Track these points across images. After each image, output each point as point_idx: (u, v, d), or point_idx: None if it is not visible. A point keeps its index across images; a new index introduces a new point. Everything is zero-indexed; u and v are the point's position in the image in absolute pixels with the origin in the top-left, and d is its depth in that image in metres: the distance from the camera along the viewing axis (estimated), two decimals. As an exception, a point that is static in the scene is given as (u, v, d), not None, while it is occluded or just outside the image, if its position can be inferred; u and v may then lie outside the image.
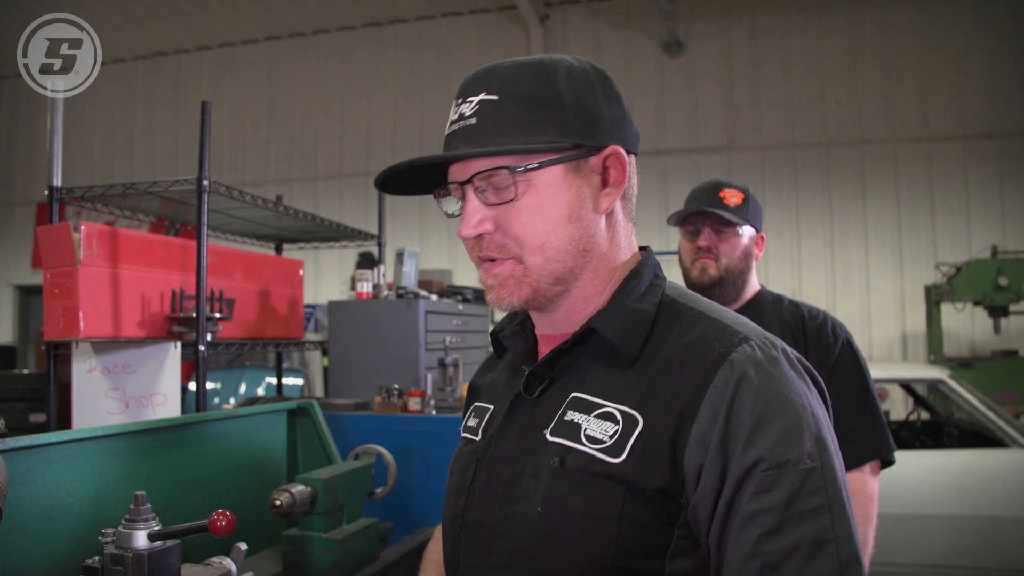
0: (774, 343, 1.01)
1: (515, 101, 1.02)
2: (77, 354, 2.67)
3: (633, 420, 0.99)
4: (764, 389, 0.94)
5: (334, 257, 9.60)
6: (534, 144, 1.01)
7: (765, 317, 2.22)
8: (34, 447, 1.73)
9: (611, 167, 1.07)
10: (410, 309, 3.59)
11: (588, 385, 1.06)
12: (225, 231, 3.90)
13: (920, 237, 8.87)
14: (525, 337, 1.20)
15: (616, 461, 0.97)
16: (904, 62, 8.98)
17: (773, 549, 0.88)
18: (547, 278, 1.06)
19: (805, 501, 0.89)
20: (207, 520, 1.33)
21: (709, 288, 2.25)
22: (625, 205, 1.13)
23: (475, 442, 1.19)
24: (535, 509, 1.02)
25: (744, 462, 0.91)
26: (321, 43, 10.93)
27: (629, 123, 1.10)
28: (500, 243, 1.06)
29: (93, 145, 11.80)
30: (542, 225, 1.04)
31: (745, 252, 2.28)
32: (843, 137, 9.08)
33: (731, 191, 2.27)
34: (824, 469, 0.92)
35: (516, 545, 1.03)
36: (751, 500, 0.90)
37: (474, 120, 1.03)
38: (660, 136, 9.61)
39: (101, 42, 4.74)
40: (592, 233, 1.07)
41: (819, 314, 2.23)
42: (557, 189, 1.04)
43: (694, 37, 9.59)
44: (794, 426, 0.92)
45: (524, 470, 1.07)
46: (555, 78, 1.03)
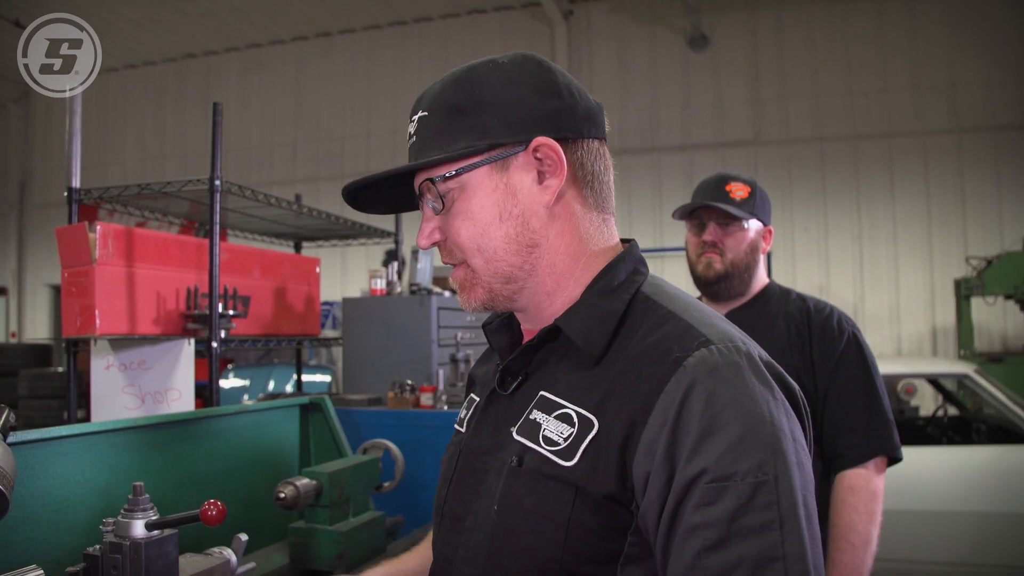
0: (738, 348, 0.95)
1: (438, 114, 1.05)
2: (95, 351, 2.74)
3: (589, 423, 0.97)
4: (716, 397, 0.90)
5: (361, 255, 9.69)
6: (451, 152, 1.03)
7: (771, 311, 2.21)
8: (45, 440, 1.78)
9: (544, 158, 1.05)
10: (423, 306, 3.62)
11: (554, 384, 1.05)
12: (244, 230, 3.96)
13: (950, 230, 8.74)
14: (511, 331, 1.21)
15: (568, 464, 0.96)
16: (933, 53, 8.85)
17: (714, 564, 0.85)
18: (495, 278, 1.07)
19: (753, 516, 0.85)
20: (198, 510, 1.36)
21: (715, 283, 2.23)
22: (584, 194, 1.09)
23: (461, 434, 1.21)
24: (493, 506, 1.03)
25: (688, 472, 0.88)
26: (347, 43, 11.03)
27: (570, 110, 1.06)
28: (449, 249, 1.10)
29: (125, 147, 12.02)
30: (474, 228, 1.05)
31: (751, 246, 2.24)
32: (871, 130, 8.98)
33: (737, 184, 2.23)
34: (779, 483, 0.87)
35: (476, 539, 1.05)
36: (693, 512, 0.87)
37: (416, 138, 1.08)
38: (685, 131, 9.57)
39: (134, 45, 4.74)
40: (535, 228, 1.06)
41: (825, 308, 2.19)
42: (484, 190, 1.04)
43: (719, 31, 9.53)
44: (746, 436, 0.88)
45: (491, 466, 1.07)
46: (475, 84, 1.04)
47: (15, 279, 12.94)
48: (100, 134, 11.73)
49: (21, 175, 12.96)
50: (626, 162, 9.28)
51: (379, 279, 3.78)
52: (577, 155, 1.07)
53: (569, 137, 1.06)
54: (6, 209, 12.98)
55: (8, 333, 12.76)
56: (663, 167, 9.47)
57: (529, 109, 1.04)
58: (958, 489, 4.40)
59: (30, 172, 12.93)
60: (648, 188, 9.38)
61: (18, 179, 12.95)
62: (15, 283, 12.94)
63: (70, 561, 1.76)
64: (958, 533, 4.36)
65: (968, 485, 4.39)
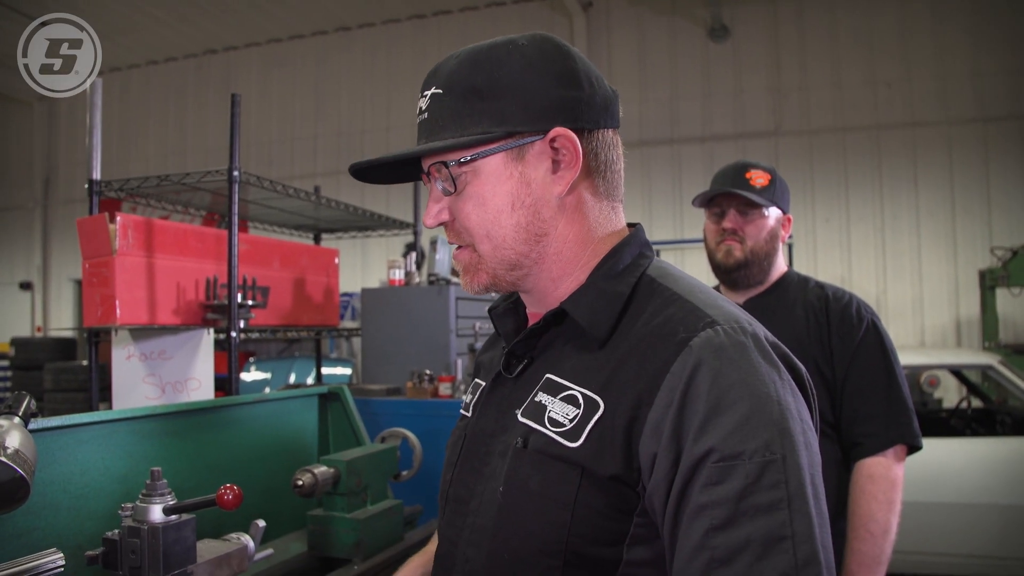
0: (743, 328, 0.95)
1: (454, 94, 1.03)
2: (116, 341, 2.77)
3: (594, 404, 0.97)
4: (722, 377, 0.90)
5: (381, 246, 9.72)
6: (469, 136, 1.02)
7: (790, 299, 2.19)
8: (67, 427, 1.80)
9: (561, 148, 1.04)
10: (441, 296, 3.63)
11: (560, 367, 1.05)
12: (265, 221, 3.98)
13: (974, 221, 8.63)
14: (517, 315, 1.21)
15: (573, 445, 0.96)
16: (957, 41, 8.72)
17: (722, 544, 0.85)
18: (500, 265, 1.07)
19: (761, 495, 0.85)
20: (215, 494, 1.37)
21: (734, 270, 2.21)
22: (596, 183, 1.09)
23: (467, 418, 1.21)
24: (498, 488, 1.03)
25: (695, 452, 0.88)
26: (367, 37, 11.05)
27: (588, 100, 1.05)
28: (457, 231, 1.09)
29: (147, 142, 12.13)
30: (485, 215, 1.05)
31: (771, 234, 2.22)
32: (894, 120, 8.88)
33: (757, 172, 2.21)
34: (786, 462, 0.87)
35: (481, 522, 1.05)
36: (701, 492, 0.87)
37: (427, 115, 1.06)
38: (706, 122, 9.51)
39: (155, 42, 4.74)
40: (546, 217, 1.06)
41: (844, 295, 2.17)
42: (498, 178, 1.03)
43: (739, 21, 9.46)
44: (752, 415, 0.88)
45: (495, 449, 1.07)
46: (494, 66, 1.03)
47: (40, 274, 13.10)
48: (122, 130, 11.84)
49: (45, 171, 13.12)
50: (646, 154, 9.24)
51: (398, 269, 3.79)
52: (592, 145, 1.07)
53: (586, 128, 1.05)
54: (31, 205, 13.14)
55: (33, 327, 12.92)
56: (683, 159, 9.41)
57: (548, 97, 1.03)
58: (983, 481, 4.36)
59: (54, 168, 13.08)
60: (668, 180, 9.33)
61: (42, 175, 13.11)
62: (40, 278, 13.10)
63: (90, 546, 1.78)
64: (983, 526, 4.32)
65: (993, 477, 4.35)
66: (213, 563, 1.48)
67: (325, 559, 2.14)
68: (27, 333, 12.49)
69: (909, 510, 2.07)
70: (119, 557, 1.37)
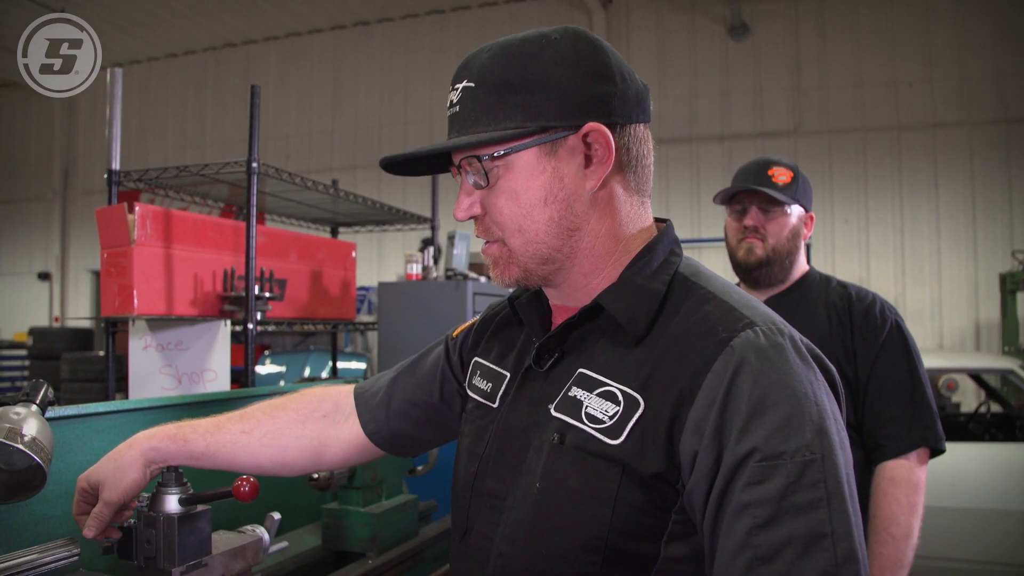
0: (780, 329, 0.97)
1: (487, 88, 1.02)
2: (133, 332, 2.77)
3: (635, 402, 0.97)
4: (764, 377, 0.91)
5: (397, 241, 9.73)
6: (502, 131, 1.01)
7: (812, 298, 2.17)
8: (83, 416, 1.80)
9: (594, 143, 1.04)
10: (458, 291, 3.62)
11: (594, 362, 1.05)
12: (282, 214, 3.98)
13: (995, 223, 8.55)
14: (540, 307, 1.20)
15: (614, 443, 0.96)
16: (980, 41, 8.64)
17: (764, 542, 0.86)
18: (532, 259, 1.06)
19: (801, 494, 0.86)
20: (231, 486, 1.36)
21: (755, 269, 2.18)
22: (627, 178, 1.09)
23: (491, 409, 1.19)
24: (535, 484, 1.02)
25: (738, 452, 0.89)
26: (385, 32, 11.06)
27: (620, 95, 1.05)
28: (487, 226, 1.08)
29: (166, 135, 12.19)
30: (517, 209, 1.04)
31: (793, 232, 2.19)
32: (915, 120, 8.80)
33: (780, 169, 2.18)
34: (825, 461, 0.88)
35: (518, 517, 1.04)
36: (743, 491, 0.88)
37: (459, 108, 1.05)
38: (725, 121, 9.46)
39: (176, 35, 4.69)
40: (578, 212, 1.05)
41: (867, 295, 2.14)
42: (531, 172, 1.03)
43: (760, 19, 9.40)
44: (793, 416, 0.89)
45: (530, 443, 1.07)
46: (527, 60, 1.02)
47: (58, 264, 13.20)
48: (141, 122, 11.90)
49: (65, 163, 13.21)
50: (664, 152, 9.18)
51: (415, 264, 3.78)
52: (624, 140, 1.06)
53: (618, 123, 1.05)
54: (50, 196, 13.23)
55: (51, 317, 13.02)
56: (701, 157, 9.37)
57: (582, 92, 1.02)
58: (1002, 487, 4.31)
59: (73, 160, 13.18)
60: (686, 178, 9.28)
61: (62, 167, 13.21)
62: (58, 268, 13.20)
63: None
64: (1002, 532, 4.27)
65: (1012, 483, 4.30)
66: (228, 555, 1.47)
67: (339, 553, 2.13)
68: (45, 323, 12.59)
69: (927, 514, 2.03)
70: (134, 547, 1.36)
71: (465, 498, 1.17)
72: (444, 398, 1.39)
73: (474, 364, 1.29)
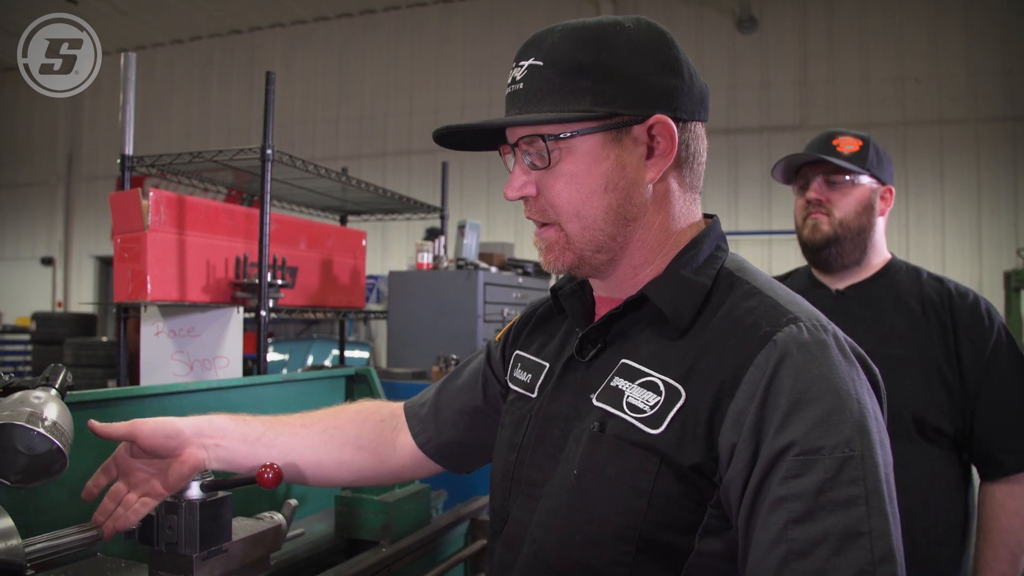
0: (825, 326, 0.97)
1: (557, 68, 1.01)
2: (145, 318, 2.77)
3: (676, 393, 0.97)
4: (805, 372, 0.91)
5: (402, 230, 9.72)
6: (570, 113, 1.00)
7: (902, 290, 1.96)
8: (99, 401, 1.80)
9: (657, 136, 1.04)
10: (469, 280, 3.62)
11: (637, 352, 1.05)
12: (291, 202, 3.98)
13: (1001, 221, 8.53)
14: (583, 298, 1.20)
15: (655, 432, 0.96)
16: (988, 38, 8.60)
17: (800, 536, 0.85)
18: (588, 246, 1.06)
19: (839, 490, 0.86)
20: (255, 472, 1.36)
21: (823, 248, 1.98)
22: (683, 173, 1.10)
23: (530, 399, 1.20)
24: (572, 471, 1.02)
25: (776, 445, 0.88)
26: (392, 20, 11.02)
27: (687, 90, 1.06)
28: (542, 208, 1.07)
29: (171, 120, 12.17)
30: (577, 193, 1.03)
31: (863, 205, 1.97)
32: (921, 117, 8.77)
33: (846, 139, 1.99)
34: (864, 459, 0.88)
35: (554, 504, 1.05)
36: (780, 485, 0.88)
37: (522, 85, 1.04)
38: (731, 114, 9.44)
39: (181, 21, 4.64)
40: (636, 203, 1.05)
41: (968, 292, 1.93)
42: (595, 158, 1.02)
43: (768, 12, 9.37)
44: (833, 412, 0.89)
45: (571, 432, 1.07)
46: (601, 45, 1.01)
47: (62, 250, 13.19)
48: (146, 108, 11.82)
49: (69, 148, 13.18)
50: (669, 144, 9.14)
51: (426, 253, 3.78)
52: (685, 136, 1.07)
53: (682, 118, 1.05)
54: (53, 181, 13.21)
55: (54, 302, 13.02)
56: (708, 150, 9.30)
57: (652, 83, 1.02)
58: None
59: (77, 145, 13.15)
60: (691, 171, 9.23)
61: (66, 152, 13.18)
62: (62, 254, 13.19)
63: (123, 521, 1.78)
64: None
65: None
66: (248, 541, 1.47)
67: (352, 541, 2.14)
68: (48, 308, 12.59)
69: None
70: (155, 533, 1.36)
71: (504, 487, 1.17)
72: (488, 400, 1.38)
73: (515, 357, 1.29)
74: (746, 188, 9.41)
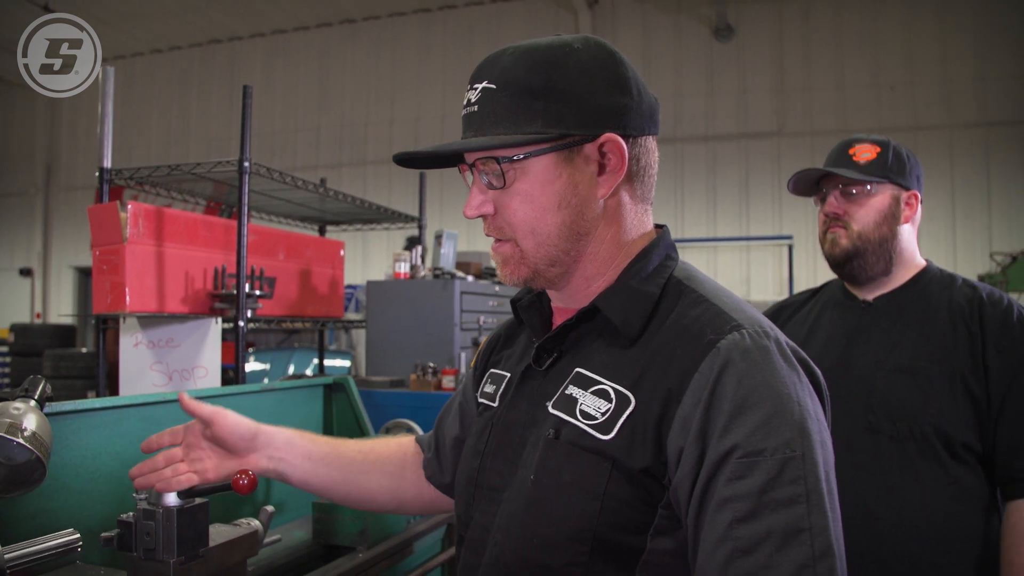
0: (767, 332, 1.00)
1: (509, 91, 1.05)
2: (124, 329, 2.79)
3: (626, 400, 1.01)
4: (748, 377, 0.94)
5: (382, 240, 9.74)
6: (522, 135, 1.04)
7: (932, 299, 1.86)
8: (79, 411, 1.82)
9: (608, 153, 1.07)
10: (446, 289, 3.65)
11: (590, 361, 1.09)
12: (270, 212, 4.00)
13: (975, 225, 8.67)
14: (541, 308, 1.24)
15: (606, 438, 1.00)
16: (962, 45, 8.75)
17: (745, 535, 0.89)
18: (542, 260, 1.10)
19: (781, 490, 0.90)
20: (230, 480, 1.40)
21: (845, 262, 1.91)
22: (634, 187, 1.13)
23: (492, 408, 1.24)
24: (529, 477, 1.07)
25: (720, 448, 0.92)
26: (372, 29, 11.07)
27: (636, 107, 1.09)
28: (499, 225, 1.11)
29: (150, 130, 12.14)
30: (532, 212, 1.07)
31: (883, 215, 1.89)
32: (896, 123, 8.89)
33: (863, 146, 1.92)
34: (805, 459, 0.91)
35: (512, 509, 1.09)
36: (725, 486, 0.91)
37: (476, 108, 1.08)
38: (709, 122, 9.53)
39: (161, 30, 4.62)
40: (589, 218, 1.08)
41: (1002, 299, 1.81)
42: (548, 177, 1.06)
43: (745, 20, 9.48)
44: (774, 415, 0.92)
45: (528, 439, 1.11)
46: (551, 68, 1.04)
47: (40, 261, 13.11)
48: (125, 118, 11.81)
49: (47, 158, 13.12)
50: (648, 152, 9.20)
51: (403, 263, 3.81)
52: (636, 151, 1.10)
53: (632, 134, 1.09)
54: (32, 192, 13.14)
55: (33, 314, 12.93)
56: (685, 157, 9.43)
57: (601, 103, 1.06)
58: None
59: (56, 155, 13.09)
60: (669, 179, 9.33)
61: (44, 162, 13.11)
62: (40, 264, 13.11)
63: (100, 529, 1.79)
64: None
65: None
66: (225, 547, 1.51)
67: (330, 547, 2.17)
68: (26, 319, 12.50)
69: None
70: (134, 539, 1.39)
71: (468, 493, 1.21)
72: (467, 429, 1.40)
73: (488, 375, 1.33)
74: (724, 195, 9.49)
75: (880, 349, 1.85)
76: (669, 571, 0.99)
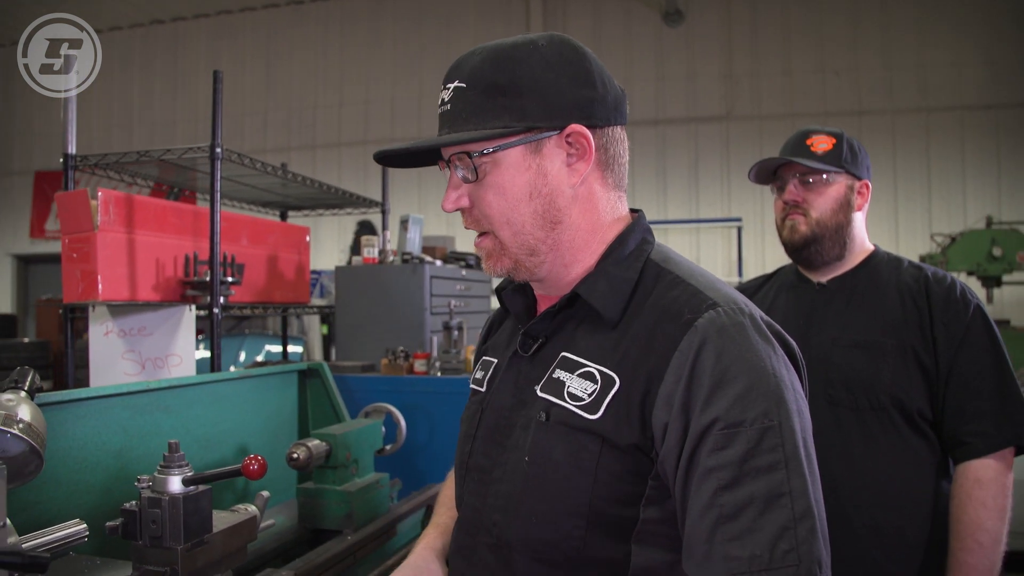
0: (742, 309, 1.06)
1: (478, 89, 1.11)
2: (94, 317, 2.75)
3: (610, 380, 1.07)
4: (725, 353, 1.00)
5: (333, 225, 9.66)
6: (491, 130, 1.10)
7: (881, 280, 1.99)
8: (65, 402, 1.81)
9: (575, 143, 1.13)
10: (416, 274, 3.67)
11: (575, 346, 1.15)
12: (232, 198, 3.96)
13: (915, 207, 8.94)
14: (525, 296, 1.30)
15: (593, 417, 1.07)
16: (904, 32, 8.99)
17: (729, 501, 0.96)
18: (521, 250, 1.15)
19: (761, 458, 0.96)
20: (240, 465, 1.41)
21: (803, 248, 2.02)
22: (605, 175, 1.19)
23: (481, 393, 1.30)
24: (523, 458, 1.12)
25: (702, 421, 0.98)
26: (320, 11, 10.91)
27: (601, 99, 1.15)
28: (476, 218, 1.17)
29: (91, 115, 11.77)
30: (505, 202, 1.13)
31: (840, 203, 2.01)
32: (841, 108, 9.11)
33: (819, 137, 2.03)
34: (782, 428, 0.98)
35: (507, 489, 1.14)
36: (709, 456, 0.97)
37: (450, 106, 1.14)
38: (659, 106, 9.64)
39: (99, 10, 4.48)
40: (561, 206, 1.14)
41: (946, 277, 1.94)
42: (518, 168, 1.12)
43: (694, 6, 9.59)
44: (752, 387, 0.99)
45: (517, 422, 1.17)
46: (516, 65, 1.10)
47: (-25, 249, 12.70)
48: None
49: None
50: (600, 136, 9.26)
51: (371, 248, 3.81)
52: (603, 141, 1.17)
53: (598, 125, 1.15)
54: (-35, 177, 12.69)
55: (-31, 304, 12.54)
56: (635, 141, 9.40)
57: (565, 96, 1.12)
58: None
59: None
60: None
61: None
62: (-25, 253, 12.70)
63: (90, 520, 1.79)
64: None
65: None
66: (227, 532, 1.52)
67: (316, 531, 2.19)
68: (-37, 309, 12.12)
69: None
70: (139, 527, 1.40)
71: (460, 476, 1.27)
72: None
73: (479, 362, 1.39)
74: (674, 178, 9.62)
75: (835, 327, 1.97)
76: (662, 540, 1.05)
